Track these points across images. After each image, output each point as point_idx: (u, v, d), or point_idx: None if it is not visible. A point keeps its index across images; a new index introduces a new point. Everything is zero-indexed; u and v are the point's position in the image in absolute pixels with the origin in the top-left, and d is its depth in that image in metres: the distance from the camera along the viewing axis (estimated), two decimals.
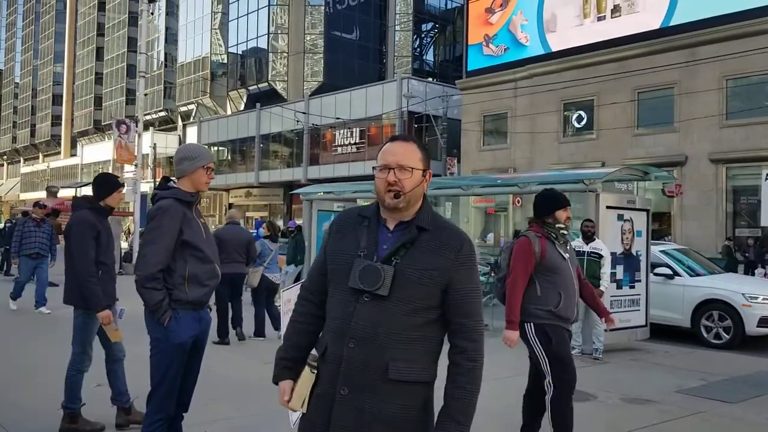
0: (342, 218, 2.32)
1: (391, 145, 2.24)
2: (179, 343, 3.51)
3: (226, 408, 5.50)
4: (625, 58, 24.27)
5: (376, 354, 2.11)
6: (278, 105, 40.83)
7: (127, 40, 71.50)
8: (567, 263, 4.44)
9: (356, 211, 2.30)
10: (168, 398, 3.53)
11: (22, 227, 11.29)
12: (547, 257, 4.35)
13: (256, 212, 45.35)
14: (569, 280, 4.42)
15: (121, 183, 4.73)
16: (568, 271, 4.43)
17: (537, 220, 4.56)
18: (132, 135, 21.49)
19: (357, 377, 2.11)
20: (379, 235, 2.19)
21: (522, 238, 4.49)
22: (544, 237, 4.41)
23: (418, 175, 2.18)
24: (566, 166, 24.29)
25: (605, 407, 6.20)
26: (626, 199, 9.43)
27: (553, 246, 4.40)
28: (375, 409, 2.10)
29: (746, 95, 21.69)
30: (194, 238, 3.61)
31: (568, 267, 4.44)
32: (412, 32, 51.51)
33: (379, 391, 2.10)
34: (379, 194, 2.19)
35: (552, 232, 4.43)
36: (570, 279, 4.42)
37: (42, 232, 11.29)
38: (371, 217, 2.22)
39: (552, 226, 4.45)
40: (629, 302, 9.17)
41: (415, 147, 2.23)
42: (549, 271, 4.35)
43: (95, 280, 4.51)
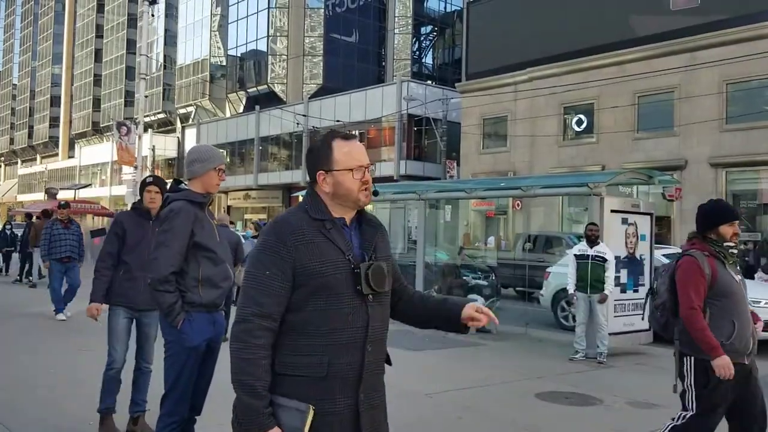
0: (295, 228, 2.09)
1: (357, 145, 2.24)
2: (193, 345, 3.50)
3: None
4: (625, 62, 24.30)
5: (383, 351, 2.20)
6: (277, 107, 40.83)
7: (126, 41, 71.47)
8: (740, 286, 3.87)
9: (301, 217, 2.14)
10: (181, 401, 3.51)
11: (50, 230, 10.73)
12: (719, 280, 3.77)
13: (254, 215, 45.32)
14: (743, 305, 3.82)
15: (148, 181, 4.71)
16: (742, 295, 3.85)
17: (698, 235, 3.96)
18: (132, 137, 21.49)
19: (371, 379, 2.13)
20: (345, 235, 2.16)
21: (687, 258, 3.84)
22: (712, 256, 3.82)
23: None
24: (566, 170, 24.33)
25: (612, 411, 6.19)
26: (631, 203, 9.43)
27: (723, 266, 3.83)
28: (379, 402, 2.19)
29: (746, 100, 21.72)
30: (206, 239, 3.60)
31: (742, 290, 3.86)
32: (412, 35, 51.59)
33: (381, 386, 2.21)
34: (352, 194, 2.16)
35: (720, 251, 3.85)
36: (744, 304, 3.83)
37: (71, 234, 10.77)
38: (328, 219, 2.13)
39: (719, 243, 3.87)
40: (633, 306, 9.16)
41: None
42: (720, 296, 3.76)
43: (99, 274, 4.58)
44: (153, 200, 4.57)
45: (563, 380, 7.38)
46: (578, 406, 6.33)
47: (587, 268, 8.41)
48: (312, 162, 2.21)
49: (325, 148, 2.19)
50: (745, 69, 21.05)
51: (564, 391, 6.81)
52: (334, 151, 2.17)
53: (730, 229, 3.88)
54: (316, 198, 2.17)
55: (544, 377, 7.49)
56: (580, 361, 8.44)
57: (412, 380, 6.77)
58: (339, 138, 2.21)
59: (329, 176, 2.16)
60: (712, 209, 3.95)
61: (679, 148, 22.88)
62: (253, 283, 2.06)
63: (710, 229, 3.90)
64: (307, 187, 2.24)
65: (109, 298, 4.58)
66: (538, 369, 7.95)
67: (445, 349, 9.06)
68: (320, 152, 2.19)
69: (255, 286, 2.05)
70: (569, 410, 6.18)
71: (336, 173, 2.15)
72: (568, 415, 6.05)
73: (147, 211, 4.60)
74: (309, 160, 2.22)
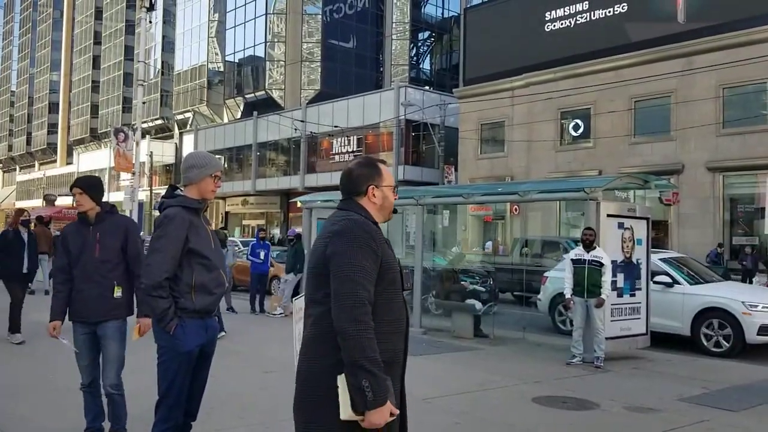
0: (375, 230, 2.44)
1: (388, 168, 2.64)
2: (186, 351, 3.50)
3: (228, 418, 5.47)
4: (621, 66, 24.37)
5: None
6: (275, 113, 40.86)
7: (123, 48, 71.53)
8: None
9: (372, 223, 2.48)
10: (176, 407, 3.51)
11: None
12: None
13: (252, 220, 45.31)
14: None
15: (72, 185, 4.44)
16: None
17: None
18: (130, 143, 21.49)
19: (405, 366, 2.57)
20: None
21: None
22: None
23: None
24: (563, 175, 24.36)
25: (609, 416, 6.18)
26: (627, 208, 9.44)
27: None
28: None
29: (742, 104, 21.79)
30: (201, 246, 3.60)
31: None
32: (409, 41, 51.73)
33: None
34: (391, 206, 2.59)
35: None
36: None
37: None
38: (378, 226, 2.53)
39: None
40: (630, 310, 9.17)
41: None
42: None
43: (56, 291, 4.43)
44: (79, 203, 4.34)
45: (560, 385, 7.38)
46: (575, 410, 6.33)
47: (584, 273, 8.42)
48: (363, 178, 2.55)
49: (376, 168, 2.59)
50: (741, 73, 21.11)
51: (561, 396, 6.81)
52: (382, 171, 2.58)
53: None
54: (364, 208, 2.51)
55: (541, 382, 7.49)
56: (578, 366, 8.44)
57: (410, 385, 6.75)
58: (380, 161, 2.66)
59: (378, 191, 2.54)
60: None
61: (676, 152, 22.93)
62: (360, 273, 2.28)
63: None
64: (347, 200, 2.56)
65: (71, 314, 4.40)
66: (535, 373, 7.94)
67: (442, 354, 9.06)
68: (372, 171, 2.57)
69: (363, 275, 2.29)
70: (566, 415, 6.18)
71: (384, 188, 2.56)
72: (566, 419, 6.05)
73: (85, 217, 4.39)
74: (358, 176, 2.56)
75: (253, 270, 13.81)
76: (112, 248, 4.31)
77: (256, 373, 7.33)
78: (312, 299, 2.42)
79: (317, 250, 2.42)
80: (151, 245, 3.64)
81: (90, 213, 4.36)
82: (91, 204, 4.33)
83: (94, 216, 4.34)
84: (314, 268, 2.41)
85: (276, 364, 7.60)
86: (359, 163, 2.61)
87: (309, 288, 2.45)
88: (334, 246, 2.33)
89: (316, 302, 2.39)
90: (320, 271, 2.36)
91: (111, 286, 4.30)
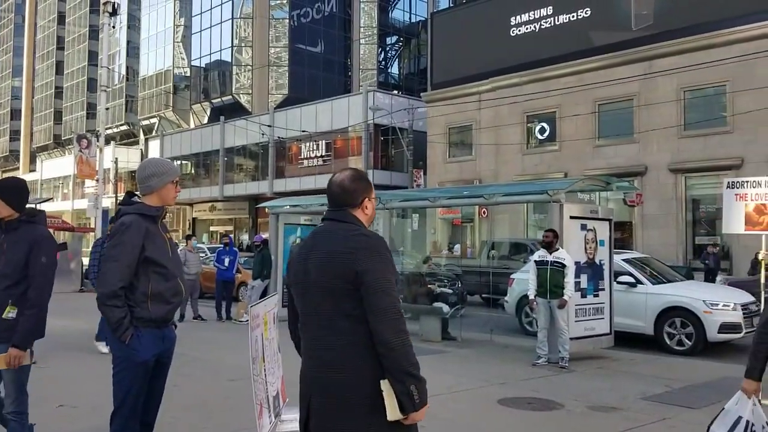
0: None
1: None
2: (141, 361, 3.44)
3: (191, 427, 5.40)
4: (585, 71, 24.71)
5: None
6: (243, 118, 40.59)
7: (87, 53, 70.49)
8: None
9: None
10: (131, 418, 3.45)
11: (101, 249, 9.12)
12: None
13: (221, 226, 44.91)
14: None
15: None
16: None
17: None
18: (93, 150, 21.15)
19: None
20: None
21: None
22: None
23: None
24: (530, 177, 24.59)
25: (573, 416, 6.25)
26: (589, 209, 9.56)
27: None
28: None
29: (703, 106, 22.24)
30: (157, 254, 3.55)
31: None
32: (377, 45, 51.83)
33: None
34: (371, 219, 2.69)
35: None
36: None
37: None
38: None
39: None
40: (594, 311, 9.28)
41: None
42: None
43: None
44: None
45: (526, 386, 7.44)
46: (540, 411, 6.38)
47: (546, 274, 8.51)
48: (359, 191, 2.62)
49: (368, 181, 2.70)
50: (701, 77, 21.56)
51: (526, 397, 6.87)
52: (371, 183, 2.70)
53: None
54: (359, 219, 2.61)
55: (507, 383, 7.54)
56: (543, 367, 8.52)
57: None
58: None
59: (370, 203, 2.67)
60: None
61: (639, 154, 23.31)
62: (393, 287, 2.45)
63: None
64: (342, 212, 2.60)
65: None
66: (501, 375, 7.99)
67: None
68: (366, 184, 2.66)
69: (394, 288, 2.45)
70: (531, 415, 6.23)
71: (372, 200, 2.68)
72: (530, 420, 6.10)
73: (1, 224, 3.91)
74: (355, 190, 2.61)
75: (219, 277, 13.70)
76: (14, 262, 3.77)
77: (220, 382, 7.25)
78: (338, 311, 2.46)
79: (335, 263, 2.46)
80: (106, 254, 3.57)
81: (6, 220, 3.87)
82: (8, 210, 3.84)
83: (6, 222, 3.87)
84: (336, 282, 2.45)
85: (241, 372, 7.48)
86: (353, 177, 2.66)
87: (329, 301, 2.48)
88: (367, 263, 2.42)
89: (344, 314, 2.45)
90: (344, 285, 2.43)
91: (3, 305, 3.77)
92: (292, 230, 13.37)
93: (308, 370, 2.53)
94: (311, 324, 2.53)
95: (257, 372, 3.00)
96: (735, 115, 21.03)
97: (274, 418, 3.23)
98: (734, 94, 21.01)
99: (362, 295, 2.39)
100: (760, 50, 19.97)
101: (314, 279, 2.50)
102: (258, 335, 3.01)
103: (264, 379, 3.12)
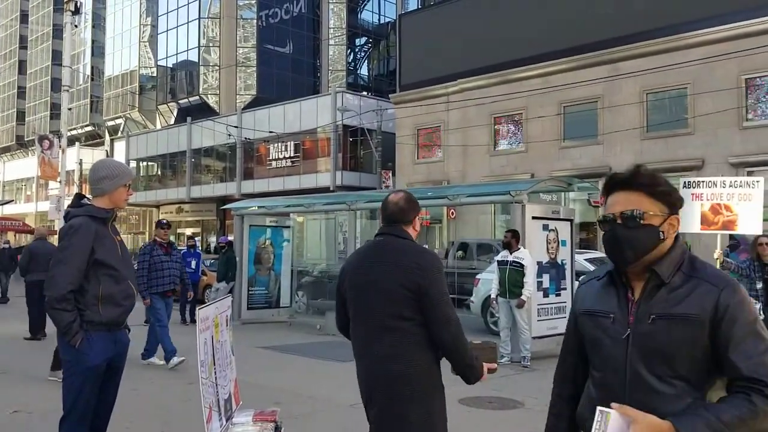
0: None
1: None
2: (92, 365, 3.40)
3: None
4: (551, 73, 25.02)
5: None
6: (210, 119, 40.22)
7: (51, 53, 69.15)
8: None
9: None
10: (80, 423, 3.40)
11: (149, 255, 8.56)
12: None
13: (188, 228, 44.43)
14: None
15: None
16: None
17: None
18: (56, 150, 20.75)
19: None
20: None
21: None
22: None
23: None
24: (497, 178, 24.80)
25: (533, 414, 6.32)
26: (551, 210, 9.69)
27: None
28: None
29: (664, 109, 22.67)
30: (107, 256, 3.51)
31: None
32: (346, 46, 51.77)
33: None
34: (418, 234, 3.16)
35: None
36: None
37: (174, 261, 8.78)
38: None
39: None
40: (556, 310, 9.41)
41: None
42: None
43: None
44: None
45: (487, 385, 7.48)
46: (500, 410, 6.45)
47: (506, 274, 8.60)
48: (412, 211, 3.02)
49: (417, 202, 3.07)
50: (663, 79, 21.98)
51: (487, 396, 6.93)
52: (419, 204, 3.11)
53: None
54: (410, 235, 3.00)
55: None
56: (506, 366, 8.60)
57: (337, 392, 6.77)
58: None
59: (419, 221, 3.06)
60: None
61: (603, 155, 23.67)
62: (450, 300, 2.89)
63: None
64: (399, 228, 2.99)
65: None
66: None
67: None
68: (417, 205, 3.06)
69: (451, 304, 2.89)
70: (491, 414, 6.30)
71: (421, 218, 3.10)
72: (490, 419, 6.16)
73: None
74: (410, 210, 3.01)
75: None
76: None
77: (180, 385, 7.18)
78: (395, 314, 2.83)
79: (402, 274, 2.83)
80: (55, 256, 3.53)
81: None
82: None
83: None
84: (400, 289, 2.82)
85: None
86: (408, 198, 3.06)
87: (389, 305, 2.84)
88: (431, 279, 2.83)
89: (402, 317, 2.82)
90: (406, 293, 2.81)
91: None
92: (258, 232, 13.30)
93: (367, 365, 2.92)
94: (369, 324, 2.90)
95: (206, 375, 2.98)
96: (696, 117, 21.49)
97: (226, 421, 3.21)
98: (695, 96, 21.46)
99: (424, 305, 2.79)
100: (721, 53, 20.43)
101: (380, 286, 2.86)
102: (207, 338, 2.99)
103: (214, 382, 3.11)
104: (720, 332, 1.77)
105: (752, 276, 7.29)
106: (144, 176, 45.94)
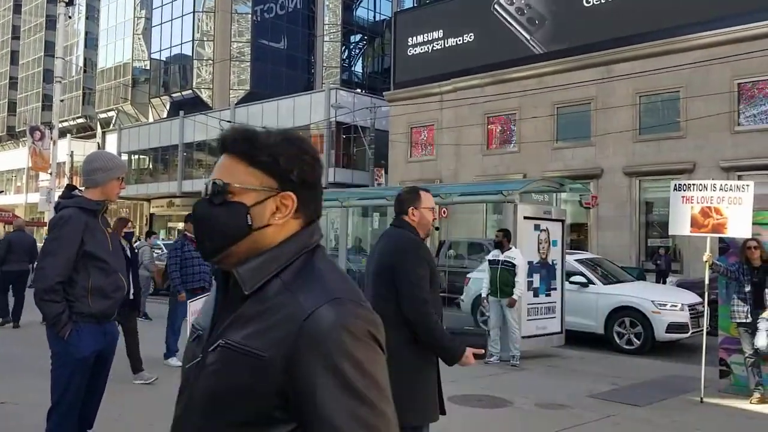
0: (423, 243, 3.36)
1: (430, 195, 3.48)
2: (80, 357, 3.39)
3: (137, 424, 5.33)
4: (545, 74, 25.05)
5: None
6: (203, 113, 40.08)
7: (44, 43, 68.79)
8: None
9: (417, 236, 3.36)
10: (69, 415, 3.39)
11: (180, 251, 8.04)
12: None
13: (179, 222, 44.27)
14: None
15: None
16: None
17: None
18: (47, 142, 20.64)
19: None
20: None
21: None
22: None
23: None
24: (490, 178, 24.82)
25: (521, 413, 6.35)
26: (543, 210, 9.71)
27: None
28: None
29: (657, 112, 22.76)
30: (97, 248, 3.50)
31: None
32: (341, 43, 51.73)
33: None
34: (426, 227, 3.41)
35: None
36: None
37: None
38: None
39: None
40: (546, 310, 9.44)
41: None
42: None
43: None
44: None
45: (477, 383, 7.52)
46: (489, 408, 6.47)
47: (497, 273, 8.62)
48: (407, 202, 3.27)
49: (417, 194, 3.30)
50: (656, 82, 22.06)
51: (476, 394, 6.94)
52: (422, 195, 3.30)
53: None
54: (410, 224, 3.25)
55: (458, 381, 7.58)
56: (495, 365, 8.62)
57: None
58: (423, 190, 3.37)
59: (417, 211, 3.26)
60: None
61: (596, 157, 23.74)
62: (422, 282, 3.09)
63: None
64: (397, 218, 3.31)
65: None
66: (453, 373, 7.96)
67: None
68: (413, 196, 3.29)
69: (423, 284, 3.08)
70: (479, 412, 6.31)
71: (423, 210, 3.26)
72: (478, 417, 6.17)
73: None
74: (404, 200, 3.29)
75: None
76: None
77: (171, 379, 7.15)
78: (380, 294, 3.10)
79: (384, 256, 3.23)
80: (44, 248, 3.52)
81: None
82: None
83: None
84: (381, 270, 3.19)
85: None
86: (405, 191, 3.37)
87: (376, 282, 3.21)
88: (404, 258, 3.13)
89: (381, 297, 3.05)
90: (385, 273, 3.16)
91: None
92: None
93: None
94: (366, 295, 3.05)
95: None
96: (688, 121, 21.58)
97: None
98: (687, 99, 21.55)
99: (396, 282, 3.07)
100: (714, 57, 20.52)
101: (370, 269, 3.30)
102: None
103: None
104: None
105: (741, 279, 7.33)
106: (135, 169, 45.74)
